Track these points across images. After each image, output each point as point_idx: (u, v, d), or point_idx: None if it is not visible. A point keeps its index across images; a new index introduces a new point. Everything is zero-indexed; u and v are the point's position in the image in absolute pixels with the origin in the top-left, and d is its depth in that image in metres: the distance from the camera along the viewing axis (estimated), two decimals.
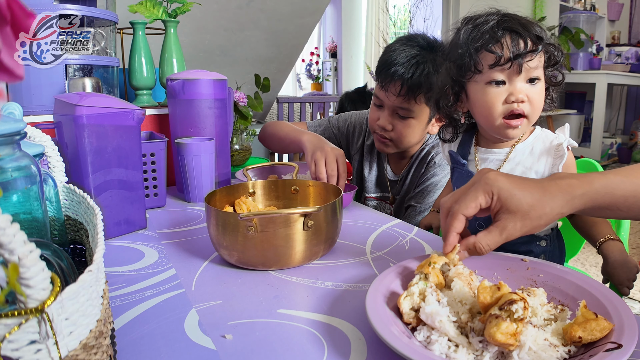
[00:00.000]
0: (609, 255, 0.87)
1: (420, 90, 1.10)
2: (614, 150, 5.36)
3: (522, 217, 0.53)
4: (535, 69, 0.76)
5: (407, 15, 5.83)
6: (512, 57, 0.74)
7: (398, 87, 1.11)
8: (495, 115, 0.78)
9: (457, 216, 0.55)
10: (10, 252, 0.28)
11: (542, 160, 0.80)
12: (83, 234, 0.59)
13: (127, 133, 0.85)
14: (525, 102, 0.76)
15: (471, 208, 0.54)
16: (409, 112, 1.14)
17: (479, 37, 0.76)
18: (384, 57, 1.15)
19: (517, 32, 0.74)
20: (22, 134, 0.46)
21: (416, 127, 1.16)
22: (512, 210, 0.53)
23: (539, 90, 0.77)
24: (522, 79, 0.76)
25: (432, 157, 1.21)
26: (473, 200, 0.54)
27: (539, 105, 0.78)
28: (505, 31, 0.75)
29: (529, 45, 0.74)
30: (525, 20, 0.76)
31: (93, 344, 0.36)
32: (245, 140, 1.75)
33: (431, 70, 1.09)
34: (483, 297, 0.47)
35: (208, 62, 2.89)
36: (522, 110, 0.76)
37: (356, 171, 1.41)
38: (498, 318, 0.42)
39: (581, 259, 2.59)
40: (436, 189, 1.17)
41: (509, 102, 0.76)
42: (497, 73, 0.76)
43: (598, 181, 0.55)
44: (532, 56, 0.74)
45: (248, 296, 0.63)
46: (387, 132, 1.17)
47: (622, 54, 5.37)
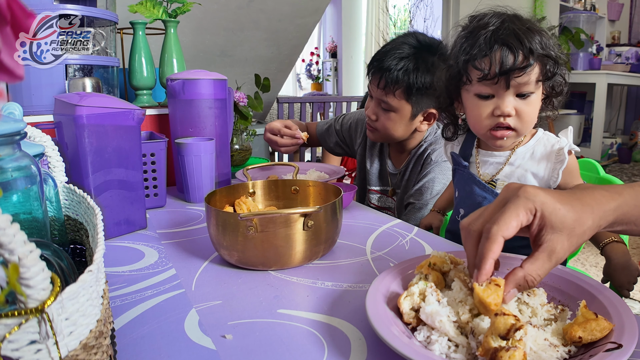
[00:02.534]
0: (612, 257, 0.87)
1: (398, 85, 1.14)
2: (614, 150, 5.36)
3: (569, 234, 0.47)
4: (525, 85, 0.74)
5: (407, 15, 5.83)
6: (498, 72, 0.72)
7: (377, 80, 1.17)
8: (481, 126, 0.79)
9: (497, 239, 0.46)
10: (10, 252, 0.28)
11: (542, 164, 0.80)
12: (83, 234, 0.59)
13: (127, 133, 0.85)
14: (512, 116, 0.75)
15: (512, 228, 0.46)
16: (389, 106, 1.18)
17: (469, 49, 0.75)
18: (378, 50, 1.21)
19: (509, 45, 0.72)
20: (22, 134, 0.46)
21: (397, 122, 1.20)
22: (557, 227, 0.47)
23: (530, 104, 0.76)
24: (511, 93, 0.75)
25: (429, 154, 1.23)
26: (514, 218, 0.46)
27: (529, 118, 0.77)
28: (496, 44, 0.72)
29: (519, 60, 0.72)
30: (524, 29, 0.73)
31: (93, 344, 0.36)
32: (245, 140, 1.75)
33: (411, 69, 1.13)
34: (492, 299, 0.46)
35: (208, 62, 2.89)
36: (507, 124, 0.76)
37: (359, 164, 1.45)
38: (509, 350, 0.41)
39: (581, 259, 2.59)
40: (433, 185, 1.19)
41: (495, 116, 0.76)
42: (485, 87, 0.75)
43: (627, 193, 0.51)
44: (520, 72, 0.72)
45: (248, 296, 0.63)
46: (373, 121, 1.23)
47: (622, 54, 5.37)
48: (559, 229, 0.47)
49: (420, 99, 1.16)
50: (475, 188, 0.85)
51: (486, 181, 0.84)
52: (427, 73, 1.13)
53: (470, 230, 0.50)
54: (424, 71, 1.13)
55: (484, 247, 0.47)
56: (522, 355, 0.41)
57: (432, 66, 1.13)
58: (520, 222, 0.47)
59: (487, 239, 0.47)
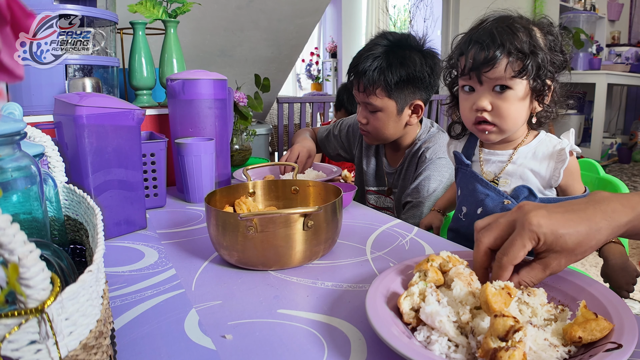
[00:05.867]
0: (609, 258, 0.87)
1: (376, 85, 1.18)
2: (614, 150, 5.36)
3: (568, 254, 0.52)
4: (498, 80, 0.77)
5: (407, 15, 5.83)
6: (469, 68, 0.78)
7: (357, 84, 1.21)
8: (467, 120, 0.84)
9: (507, 268, 0.53)
10: (10, 252, 0.28)
11: (545, 163, 0.82)
12: (83, 234, 0.59)
13: (127, 133, 0.85)
14: (488, 111, 0.79)
15: (519, 257, 0.53)
16: (374, 107, 1.21)
17: (457, 48, 0.82)
18: (354, 57, 1.25)
19: (481, 42, 0.76)
20: (22, 134, 0.46)
21: (386, 120, 1.23)
22: (557, 250, 0.52)
23: (508, 99, 0.78)
24: (487, 88, 0.79)
25: (424, 152, 1.24)
26: (521, 249, 0.53)
27: (509, 113, 0.78)
28: (471, 43, 0.78)
29: (489, 56, 0.75)
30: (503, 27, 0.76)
31: (93, 344, 0.36)
32: (245, 140, 1.75)
33: (385, 66, 1.16)
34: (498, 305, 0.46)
35: (208, 62, 2.89)
36: (484, 118, 0.80)
37: (357, 166, 1.47)
38: (508, 350, 0.41)
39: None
40: (429, 183, 1.20)
41: (474, 110, 0.81)
42: (465, 81, 0.81)
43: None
44: (488, 67, 0.76)
45: (248, 296, 0.63)
46: (364, 125, 1.26)
47: (622, 54, 5.37)
48: (559, 252, 0.52)
49: (401, 93, 1.19)
50: (478, 186, 0.85)
51: (489, 179, 0.85)
52: (401, 67, 1.17)
53: (481, 242, 0.56)
54: (398, 66, 1.17)
55: (497, 275, 0.54)
56: (521, 355, 0.41)
57: (405, 59, 1.17)
58: (527, 251, 0.53)
59: (499, 267, 0.54)
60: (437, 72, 1.20)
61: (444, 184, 1.19)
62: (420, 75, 1.18)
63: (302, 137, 1.50)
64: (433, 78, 1.21)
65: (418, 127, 1.30)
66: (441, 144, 1.22)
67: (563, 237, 0.51)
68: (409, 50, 1.18)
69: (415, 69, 1.17)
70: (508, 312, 0.44)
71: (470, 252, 0.68)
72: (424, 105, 1.23)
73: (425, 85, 1.20)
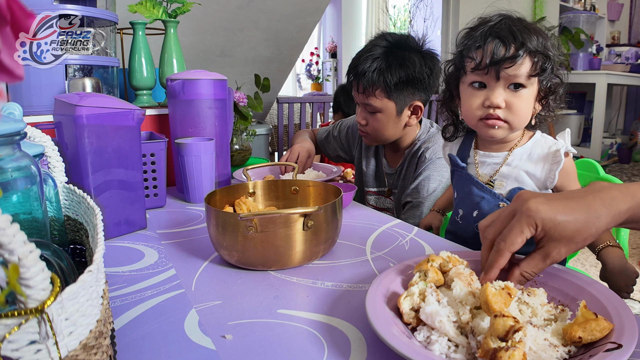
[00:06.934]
0: (607, 262, 0.87)
1: (375, 86, 1.18)
2: (614, 151, 5.35)
3: (567, 242, 0.52)
4: (515, 77, 0.75)
5: (407, 15, 5.83)
6: (488, 63, 0.75)
7: (356, 85, 1.21)
8: (473, 116, 0.81)
9: (504, 254, 0.54)
10: (10, 253, 0.28)
11: (540, 165, 0.81)
12: (83, 234, 0.59)
13: (127, 133, 0.85)
14: (502, 108, 0.77)
15: (518, 244, 0.53)
16: (373, 108, 1.21)
17: (465, 42, 0.79)
18: (353, 58, 1.25)
19: (502, 38, 0.74)
20: (22, 134, 0.46)
21: (385, 121, 1.23)
22: (556, 238, 0.52)
23: (521, 97, 0.77)
24: (502, 85, 0.77)
25: (423, 153, 1.24)
26: (519, 235, 0.53)
27: (521, 112, 0.78)
28: (490, 37, 0.76)
29: (511, 52, 0.74)
30: (521, 27, 0.75)
31: (93, 344, 0.36)
32: (245, 140, 1.75)
33: (384, 67, 1.16)
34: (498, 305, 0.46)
35: (208, 63, 2.89)
36: (497, 115, 0.78)
37: (357, 167, 1.47)
38: (508, 350, 0.41)
39: (581, 259, 2.59)
40: (428, 183, 1.20)
41: (486, 106, 0.78)
42: (477, 77, 0.78)
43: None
44: (510, 63, 0.74)
45: (248, 296, 0.63)
46: (364, 126, 1.26)
47: (622, 54, 5.37)
48: (557, 239, 0.52)
49: (400, 93, 1.19)
50: (474, 188, 0.85)
51: (484, 181, 0.85)
52: (401, 68, 1.17)
53: (485, 238, 0.57)
54: (397, 67, 1.17)
55: (493, 259, 0.54)
56: (521, 355, 0.41)
57: (404, 60, 1.17)
58: (525, 237, 0.53)
59: (496, 252, 0.54)
60: (436, 73, 1.20)
61: (443, 184, 1.20)
62: (420, 76, 1.18)
63: (301, 138, 1.50)
64: (432, 79, 1.21)
65: (417, 127, 1.30)
66: (441, 144, 1.22)
67: (562, 224, 0.51)
68: (409, 51, 1.18)
69: (415, 70, 1.17)
70: (508, 312, 0.44)
71: (470, 252, 0.68)
72: (423, 106, 1.23)
73: (424, 86, 1.20)
